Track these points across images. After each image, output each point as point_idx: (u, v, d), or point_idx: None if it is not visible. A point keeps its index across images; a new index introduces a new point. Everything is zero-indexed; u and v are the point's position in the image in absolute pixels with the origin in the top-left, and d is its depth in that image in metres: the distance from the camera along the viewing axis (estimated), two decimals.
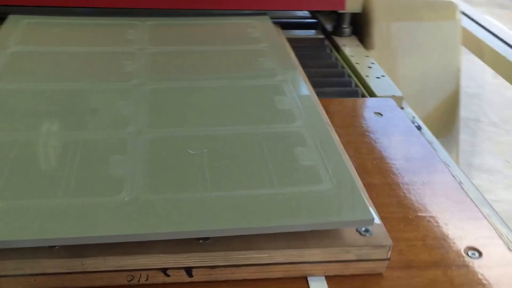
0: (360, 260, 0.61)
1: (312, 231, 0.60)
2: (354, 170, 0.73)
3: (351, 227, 0.61)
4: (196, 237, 0.58)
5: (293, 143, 0.72)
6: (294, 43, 1.21)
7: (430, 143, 0.91)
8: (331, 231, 0.61)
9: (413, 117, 0.99)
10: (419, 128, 0.96)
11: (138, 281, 0.58)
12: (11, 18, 1.09)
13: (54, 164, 0.67)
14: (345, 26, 1.27)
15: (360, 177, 0.76)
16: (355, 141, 0.87)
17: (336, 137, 0.79)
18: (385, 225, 0.69)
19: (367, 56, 1.18)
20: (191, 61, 0.96)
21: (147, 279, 0.59)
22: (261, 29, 1.10)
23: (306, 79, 0.95)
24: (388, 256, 0.62)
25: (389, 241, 0.61)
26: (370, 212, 0.60)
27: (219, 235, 0.58)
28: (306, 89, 0.86)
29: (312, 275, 0.61)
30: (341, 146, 0.78)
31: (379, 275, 0.62)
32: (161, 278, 0.59)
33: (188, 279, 0.59)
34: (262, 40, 1.04)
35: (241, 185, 0.64)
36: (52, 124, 0.75)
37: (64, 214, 0.58)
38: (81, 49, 0.98)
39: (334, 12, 1.27)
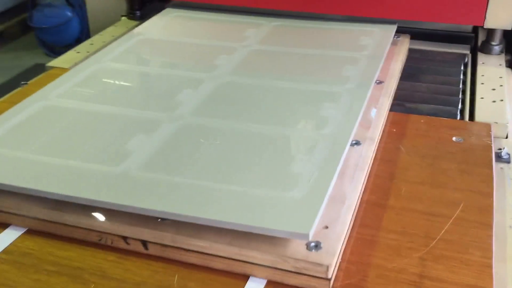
0: (299, 273, 0.60)
1: (260, 234, 0.61)
2: (359, 187, 0.70)
3: (285, 237, 0.60)
4: (146, 214, 0.64)
5: (301, 149, 0.73)
6: (430, 56, 1.16)
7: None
8: (279, 238, 0.61)
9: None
10: (507, 161, 0.85)
11: (105, 242, 0.67)
12: (166, 11, 1.26)
13: (91, 133, 0.79)
14: (494, 43, 1.15)
15: (382, 198, 0.74)
16: (409, 161, 0.81)
17: (369, 154, 0.76)
18: (370, 249, 0.66)
19: (501, 77, 1.06)
20: (281, 61, 1.00)
21: (112, 243, 0.67)
22: (375, 37, 1.07)
23: (389, 92, 0.92)
24: (329, 277, 0.59)
25: (328, 261, 0.59)
26: (309, 228, 0.59)
27: (155, 215, 0.64)
28: (364, 100, 0.84)
29: (254, 275, 0.63)
30: (369, 162, 0.75)
31: None
32: (123, 245, 0.66)
33: (145, 251, 0.66)
34: (366, 48, 1.02)
35: (219, 179, 0.68)
36: (119, 101, 0.88)
37: (61, 173, 0.70)
38: (196, 41, 1.10)
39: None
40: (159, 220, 0.65)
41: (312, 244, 0.61)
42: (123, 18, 1.40)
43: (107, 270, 0.64)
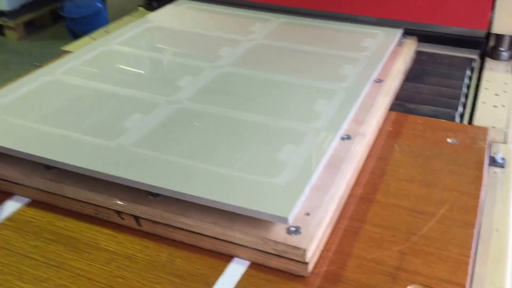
0: (279, 255, 0.63)
1: (244, 216, 0.64)
2: (345, 179, 0.73)
3: (266, 219, 0.63)
4: (135, 186, 0.68)
5: (291, 140, 0.76)
6: (438, 59, 1.18)
7: (504, 184, 0.83)
8: (262, 221, 0.64)
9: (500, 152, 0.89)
10: (501, 165, 0.86)
11: (102, 216, 0.71)
12: (179, 1, 1.31)
13: (91, 108, 0.85)
14: (503, 48, 1.16)
15: (371, 193, 0.76)
16: (402, 160, 0.83)
17: (358, 148, 0.79)
18: (354, 240, 0.69)
19: (506, 84, 1.07)
20: (283, 57, 1.03)
21: (108, 217, 0.71)
22: (379, 40, 1.09)
23: (387, 90, 0.94)
24: (307, 260, 0.62)
25: (305, 245, 0.62)
26: (289, 212, 0.62)
27: (143, 188, 0.68)
28: (358, 98, 0.86)
29: (238, 256, 0.66)
30: (358, 156, 0.78)
31: (300, 278, 0.63)
32: (118, 220, 0.70)
33: (138, 227, 0.70)
34: (367, 50, 1.05)
35: (207, 160, 0.72)
36: (121, 82, 0.93)
37: (58, 142, 0.75)
38: (204, 32, 1.15)
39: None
40: (150, 197, 0.69)
41: (292, 228, 0.64)
42: (140, 8, 1.45)
43: (101, 242, 0.68)
